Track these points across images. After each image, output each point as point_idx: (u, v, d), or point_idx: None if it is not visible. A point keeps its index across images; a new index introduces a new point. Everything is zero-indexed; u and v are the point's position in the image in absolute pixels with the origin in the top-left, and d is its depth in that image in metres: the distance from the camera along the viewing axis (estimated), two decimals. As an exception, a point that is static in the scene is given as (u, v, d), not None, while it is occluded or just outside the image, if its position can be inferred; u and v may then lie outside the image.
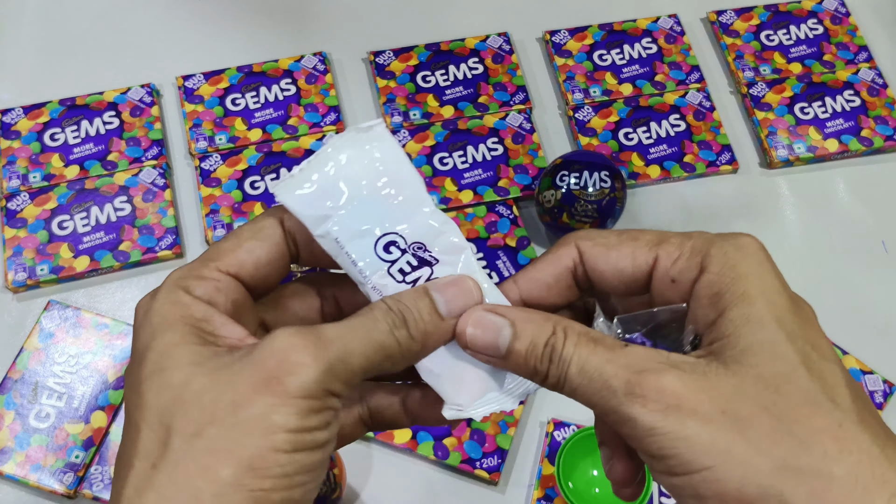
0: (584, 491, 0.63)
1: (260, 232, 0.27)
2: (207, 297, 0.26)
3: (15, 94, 0.80)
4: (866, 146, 0.79)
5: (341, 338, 0.25)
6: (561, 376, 0.26)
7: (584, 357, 0.26)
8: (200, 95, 0.79)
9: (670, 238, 0.27)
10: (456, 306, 0.27)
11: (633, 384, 0.24)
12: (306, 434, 0.24)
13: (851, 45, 0.84)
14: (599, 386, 0.25)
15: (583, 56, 0.83)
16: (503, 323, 0.27)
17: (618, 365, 0.25)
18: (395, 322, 0.26)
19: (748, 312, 0.25)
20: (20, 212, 0.72)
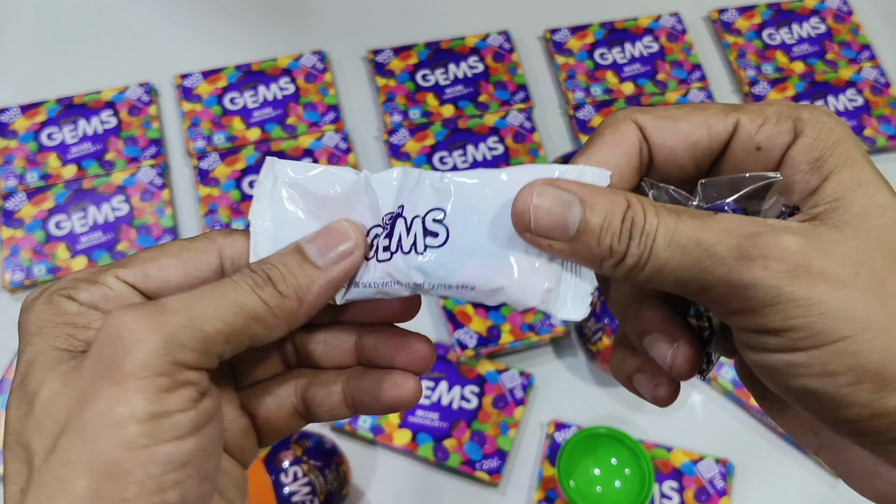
0: (586, 490, 0.62)
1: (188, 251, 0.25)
2: (91, 303, 0.23)
3: (12, 92, 0.79)
4: (869, 146, 0.78)
5: (187, 305, 0.22)
6: (644, 253, 0.22)
7: (672, 226, 0.22)
8: (198, 94, 0.78)
9: (746, 106, 0.24)
10: (330, 248, 0.24)
11: (746, 247, 0.21)
12: (163, 420, 0.21)
13: (854, 43, 0.84)
14: (699, 255, 0.21)
15: (584, 54, 0.82)
16: (571, 198, 0.22)
17: (717, 231, 0.21)
18: (257, 281, 0.23)
19: (859, 175, 0.22)
20: (17, 211, 0.72)
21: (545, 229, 0.22)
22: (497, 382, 0.66)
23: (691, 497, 0.63)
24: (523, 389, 0.66)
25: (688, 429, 0.67)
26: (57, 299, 0.23)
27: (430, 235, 0.24)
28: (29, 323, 0.23)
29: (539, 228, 0.23)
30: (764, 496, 0.65)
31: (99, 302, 0.23)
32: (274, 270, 0.23)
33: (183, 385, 0.21)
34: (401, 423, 0.65)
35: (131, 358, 0.21)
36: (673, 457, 0.64)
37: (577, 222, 0.22)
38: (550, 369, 0.69)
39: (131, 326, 0.21)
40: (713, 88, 0.81)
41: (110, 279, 0.24)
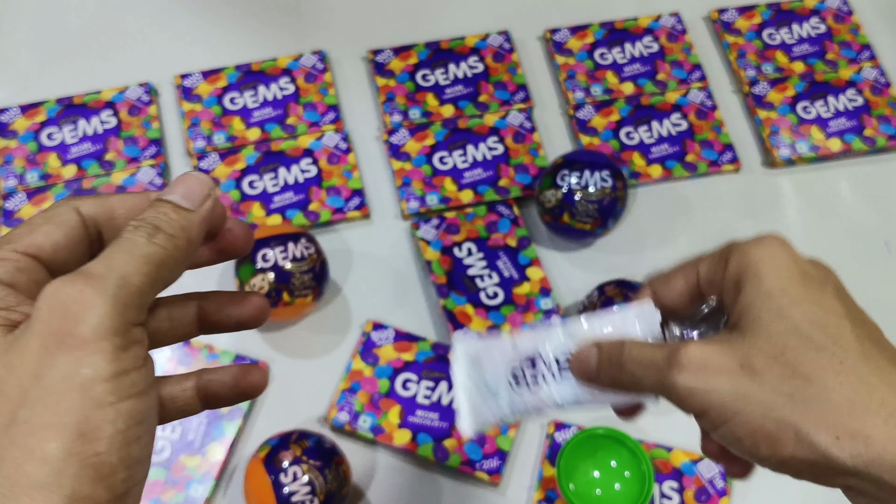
0: (586, 492, 0.62)
1: (54, 218, 0.27)
2: (7, 279, 0.25)
3: (11, 92, 0.79)
4: (869, 145, 0.79)
5: (110, 267, 0.23)
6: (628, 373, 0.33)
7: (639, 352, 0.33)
8: (198, 94, 0.78)
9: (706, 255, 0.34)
10: (194, 195, 0.27)
11: (670, 357, 0.31)
12: (124, 377, 0.22)
13: (854, 43, 0.84)
14: (651, 369, 0.32)
15: (584, 54, 0.82)
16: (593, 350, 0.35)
17: (663, 349, 0.32)
18: (149, 231, 0.25)
19: (758, 289, 0.31)
20: (17, 212, 0.72)
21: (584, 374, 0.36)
22: (497, 382, 0.66)
23: (691, 497, 0.63)
24: (523, 389, 0.66)
25: (688, 429, 0.67)
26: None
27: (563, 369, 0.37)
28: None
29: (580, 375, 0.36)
30: (764, 496, 0.65)
31: (14, 275, 0.25)
32: (156, 219, 0.25)
33: (134, 343, 0.23)
34: (401, 423, 0.65)
35: (85, 324, 0.22)
36: (673, 457, 0.64)
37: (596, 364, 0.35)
38: (550, 369, 0.69)
39: (74, 296, 0.22)
40: (713, 88, 0.81)
41: (10, 254, 0.25)
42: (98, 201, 0.28)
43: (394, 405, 0.65)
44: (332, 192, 0.74)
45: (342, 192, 0.74)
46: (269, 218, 0.73)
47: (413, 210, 0.74)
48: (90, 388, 0.21)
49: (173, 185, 0.27)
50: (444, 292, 0.69)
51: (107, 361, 0.22)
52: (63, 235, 0.26)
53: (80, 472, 0.21)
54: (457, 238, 0.72)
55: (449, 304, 0.69)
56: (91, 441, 0.21)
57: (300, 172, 0.75)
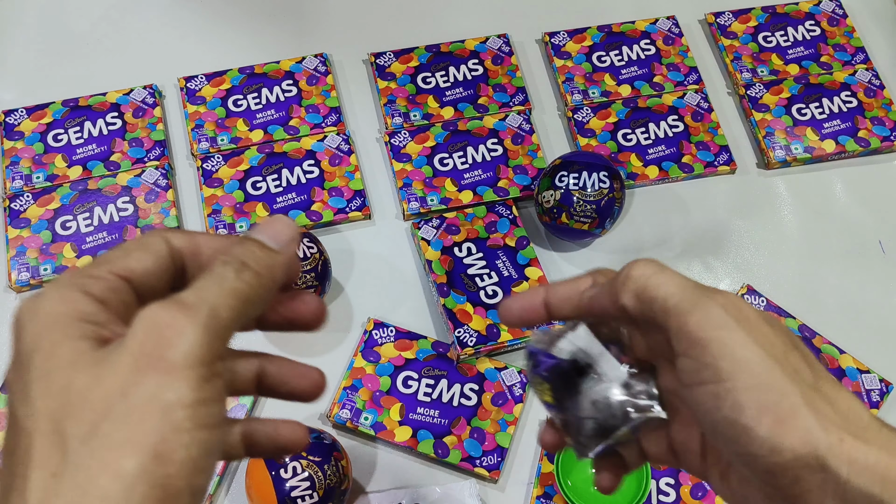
0: (583, 489, 0.63)
1: (147, 246, 0.28)
2: (101, 296, 0.25)
3: (18, 94, 0.80)
4: (863, 147, 0.80)
5: (202, 298, 0.24)
6: None
7: None
8: (202, 97, 0.79)
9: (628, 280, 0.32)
10: (280, 236, 0.28)
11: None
12: (203, 408, 0.23)
13: (849, 46, 0.85)
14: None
15: (582, 57, 0.83)
16: None
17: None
18: (236, 267, 0.26)
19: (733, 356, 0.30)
20: (23, 212, 0.73)
21: None
22: (496, 380, 0.67)
23: (688, 493, 0.64)
24: (522, 387, 0.67)
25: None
26: (67, 294, 0.25)
27: None
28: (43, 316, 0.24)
29: None
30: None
31: (107, 294, 0.25)
32: (244, 256, 0.27)
33: (216, 375, 0.24)
34: (402, 419, 0.66)
35: (176, 350, 0.23)
36: (669, 453, 0.65)
37: None
38: (549, 367, 0.70)
39: (169, 321, 0.23)
40: (709, 91, 0.83)
41: (106, 274, 0.26)
42: (187, 236, 0.29)
43: (395, 402, 0.66)
44: (334, 192, 0.75)
45: (344, 192, 0.76)
46: (272, 218, 0.74)
47: (414, 210, 0.75)
48: (171, 412, 0.22)
49: (261, 225, 0.29)
50: (445, 291, 0.70)
51: (190, 389, 0.23)
52: (153, 263, 0.27)
53: (150, 492, 0.22)
54: (457, 238, 0.73)
55: (449, 303, 0.70)
56: (164, 463, 0.22)
57: (303, 173, 0.76)
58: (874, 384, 0.69)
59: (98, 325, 0.25)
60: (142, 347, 0.23)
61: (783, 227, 0.78)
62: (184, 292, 0.25)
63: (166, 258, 0.28)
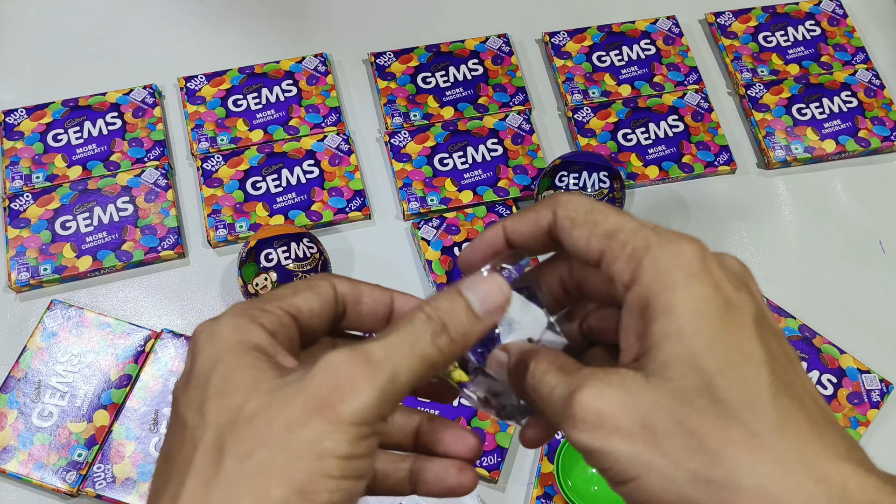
0: (583, 489, 0.63)
1: (314, 287, 0.29)
2: (271, 328, 0.27)
3: (18, 94, 0.80)
4: (863, 147, 0.80)
5: (389, 358, 0.25)
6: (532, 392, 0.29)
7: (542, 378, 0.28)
8: (202, 96, 0.79)
9: (619, 233, 0.27)
10: (490, 304, 0.28)
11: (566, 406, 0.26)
12: (354, 461, 0.24)
13: (849, 46, 0.85)
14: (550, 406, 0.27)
15: (582, 57, 0.83)
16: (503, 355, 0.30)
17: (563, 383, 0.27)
18: (436, 330, 0.26)
19: (668, 326, 0.25)
20: (23, 212, 0.73)
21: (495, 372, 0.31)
22: (496, 380, 0.67)
23: (688, 493, 0.64)
24: (522, 387, 0.67)
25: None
26: (243, 323, 0.27)
27: None
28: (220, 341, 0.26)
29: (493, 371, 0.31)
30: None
31: (276, 328, 0.27)
32: (448, 318, 0.27)
33: (373, 434, 0.25)
34: (401, 419, 0.66)
35: (347, 406, 0.24)
36: (670, 453, 0.65)
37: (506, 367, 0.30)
38: (549, 367, 0.70)
39: (350, 375, 0.24)
40: (709, 91, 0.83)
41: (276, 309, 0.28)
42: (352, 284, 0.30)
43: (395, 402, 0.66)
44: (334, 192, 0.75)
45: (344, 192, 0.75)
46: (272, 218, 0.74)
47: (414, 210, 0.75)
48: (324, 458, 0.24)
49: (476, 282, 0.28)
50: (445, 291, 0.70)
51: (348, 443, 0.24)
52: (318, 304, 0.29)
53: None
54: (457, 238, 0.73)
55: (449, 303, 0.69)
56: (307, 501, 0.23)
57: (302, 173, 0.76)
58: (874, 384, 0.69)
59: (269, 355, 0.26)
60: (317, 391, 0.24)
61: (783, 227, 0.78)
62: (374, 343, 0.25)
63: (331, 301, 0.30)
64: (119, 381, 0.66)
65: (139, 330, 0.69)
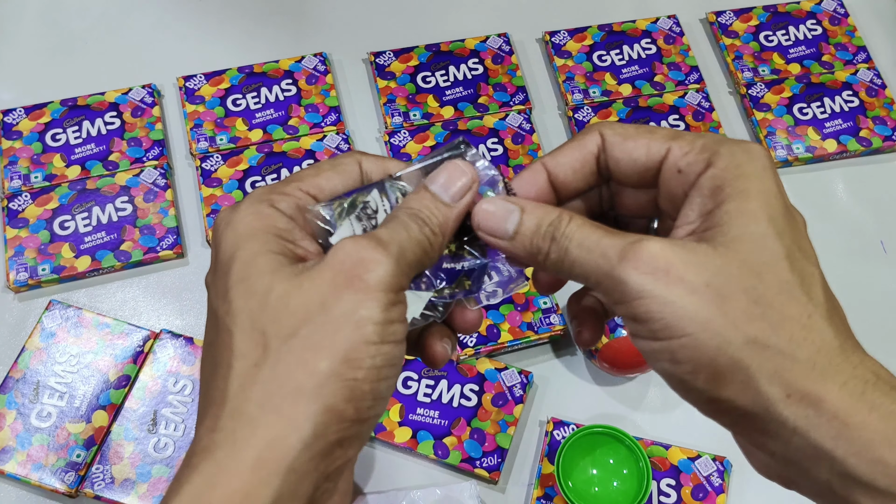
0: (584, 490, 0.63)
1: (339, 166, 0.30)
2: (290, 212, 0.28)
3: (16, 94, 0.80)
4: (865, 146, 0.79)
5: (393, 238, 0.27)
6: (562, 251, 0.28)
7: (585, 233, 0.28)
8: (201, 96, 0.79)
9: (684, 135, 0.29)
10: (454, 189, 0.29)
11: (626, 250, 0.27)
12: (389, 326, 0.26)
13: (850, 45, 0.84)
14: (597, 255, 0.27)
15: (582, 57, 0.83)
16: (513, 207, 0.30)
17: (615, 237, 0.28)
18: (419, 223, 0.28)
19: (744, 206, 0.27)
20: (22, 212, 0.72)
21: (490, 229, 0.30)
22: (497, 381, 0.67)
23: (689, 494, 0.64)
24: (522, 388, 0.67)
25: (685, 426, 0.68)
26: (262, 209, 0.27)
27: None
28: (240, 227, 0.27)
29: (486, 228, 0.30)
30: (760, 493, 0.65)
31: (295, 211, 0.28)
32: (423, 213, 0.29)
33: (400, 302, 0.27)
34: (401, 420, 0.65)
35: (372, 274, 0.26)
36: (671, 454, 0.65)
37: (515, 226, 0.29)
38: (549, 368, 0.70)
39: (367, 250, 0.26)
40: (710, 90, 0.82)
41: (296, 191, 0.29)
42: (378, 161, 0.31)
43: (394, 403, 0.66)
44: (333, 192, 0.75)
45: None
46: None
47: (413, 210, 0.75)
48: (363, 326, 0.25)
49: (439, 171, 0.30)
50: (445, 291, 0.70)
51: (380, 309, 0.26)
52: (341, 183, 0.30)
53: (338, 391, 0.25)
54: (457, 238, 0.73)
55: (449, 304, 0.69)
56: (353, 368, 0.25)
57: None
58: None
59: (292, 241, 0.27)
60: (342, 267, 0.26)
61: (784, 226, 0.77)
62: (379, 230, 0.28)
63: (356, 180, 0.30)
64: (118, 382, 0.66)
65: (138, 330, 0.68)
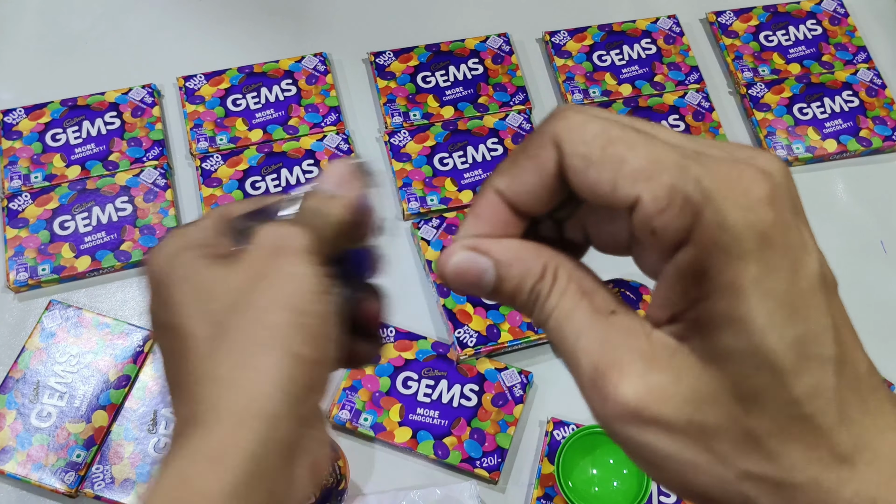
0: (584, 490, 0.63)
1: None
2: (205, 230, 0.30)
3: (16, 94, 0.80)
4: (865, 146, 0.79)
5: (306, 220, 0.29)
6: (541, 323, 0.25)
7: (563, 314, 0.24)
8: (201, 96, 0.79)
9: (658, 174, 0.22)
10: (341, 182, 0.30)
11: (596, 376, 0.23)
12: (325, 279, 0.28)
13: (850, 45, 0.84)
14: (569, 357, 0.24)
15: (582, 57, 0.83)
16: (487, 265, 0.25)
17: (592, 340, 0.23)
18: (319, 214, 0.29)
19: (734, 310, 0.21)
20: (22, 212, 0.72)
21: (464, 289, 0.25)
22: (497, 381, 0.67)
23: (688, 494, 0.64)
24: (522, 388, 0.67)
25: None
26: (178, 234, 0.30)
27: None
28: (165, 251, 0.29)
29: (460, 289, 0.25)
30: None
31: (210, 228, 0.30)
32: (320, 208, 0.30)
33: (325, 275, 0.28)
34: (401, 420, 0.65)
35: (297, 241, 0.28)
36: (670, 454, 0.65)
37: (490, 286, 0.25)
38: (549, 367, 0.70)
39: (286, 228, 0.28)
40: (710, 90, 0.82)
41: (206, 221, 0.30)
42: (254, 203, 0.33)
43: (395, 403, 0.66)
44: (333, 192, 0.75)
45: (343, 192, 0.75)
46: (271, 218, 0.74)
47: (414, 210, 0.75)
48: (303, 279, 0.27)
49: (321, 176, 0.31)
50: (444, 291, 0.70)
51: (313, 266, 0.28)
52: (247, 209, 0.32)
53: (295, 335, 0.26)
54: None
55: (449, 303, 0.69)
56: (303, 315, 0.27)
57: (302, 173, 0.76)
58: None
59: (213, 245, 0.29)
60: (269, 243, 0.28)
61: (784, 226, 0.77)
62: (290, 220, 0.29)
63: None
64: (118, 382, 0.66)
65: (138, 330, 0.68)
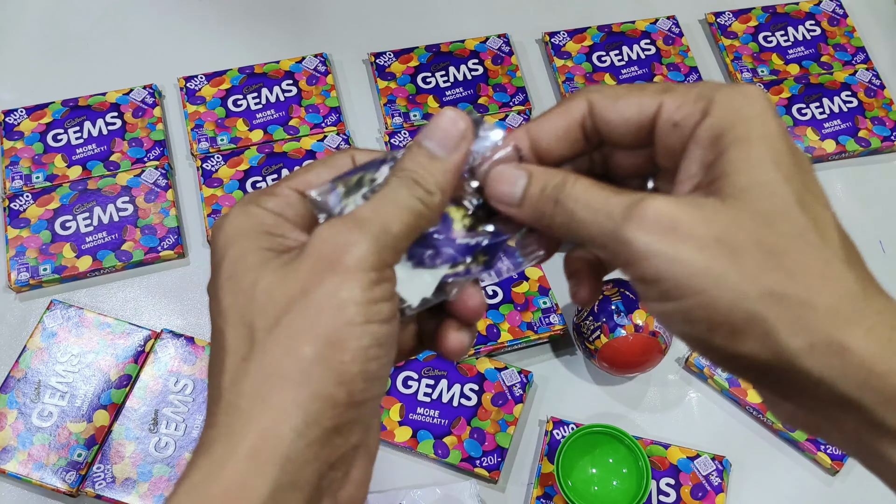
0: (583, 489, 0.63)
1: (331, 161, 0.30)
2: (278, 210, 0.28)
3: (18, 94, 0.80)
4: (864, 147, 0.80)
5: (375, 213, 0.27)
6: (567, 214, 0.28)
7: (589, 194, 0.27)
8: (202, 96, 0.79)
9: (676, 87, 0.28)
10: (448, 141, 0.29)
11: (630, 209, 0.26)
12: (373, 305, 0.26)
13: (849, 46, 0.85)
14: (602, 216, 0.27)
15: (582, 57, 0.83)
16: (520, 173, 0.29)
17: (620, 196, 0.27)
18: (410, 186, 0.28)
19: (747, 153, 0.26)
20: (23, 212, 0.73)
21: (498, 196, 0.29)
22: (496, 380, 0.67)
23: (688, 493, 0.64)
24: (522, 387, 0.67)
25: (685, 426, 0.68)
26: (250, 209, 0.28)
27: None
28: (229, 229, 0.28)
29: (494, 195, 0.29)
30: (759, 492, 0.66)
31: (283, 208, 0.29)
32: (415, 174, 0.28)
33: (385, 280, 0.27)
34: (401, 420, 0.66)
35: (350, 256, 0.26)
36: (670, 454, 0.65)
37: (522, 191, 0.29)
38: (549, 367, 0.70)
39: (343, 233, 0.26)
40: (710, 91, 0.82)
41: (284, 190, 0.29)
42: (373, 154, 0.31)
43: (394, 402, 0.66)
44: (333, 192, 0.75)
45: (344, 192, 0.75)
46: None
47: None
48: (344, 308, 0.25)
49: (430, 123, 0.29)
50: (445, 291, 0.70)
51: (361, 289, 0.26)
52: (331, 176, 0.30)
53: (326, 374, 0.25)
54: (457, 238, 0.73)
55: (449, 303, 0.69)
56: (338, 350, 0.25)
57: (302, 173, 0.76)
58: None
59: (280, 235, 0.28)
60: (320, 254, 0.26)
61: (783, 227, 0.78)
62: (362, 207, 0.27)
63: None
64: (119, 382, 0.66)
65: (139, 330, 0.68)
